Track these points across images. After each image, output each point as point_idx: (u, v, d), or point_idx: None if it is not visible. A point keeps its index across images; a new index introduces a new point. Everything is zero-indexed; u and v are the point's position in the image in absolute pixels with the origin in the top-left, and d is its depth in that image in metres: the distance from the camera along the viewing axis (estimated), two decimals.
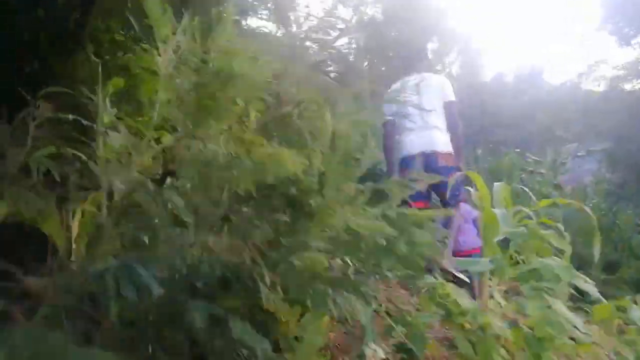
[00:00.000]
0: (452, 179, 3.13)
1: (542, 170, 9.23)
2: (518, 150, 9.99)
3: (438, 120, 3.38)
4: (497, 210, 1.95)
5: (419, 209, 3.27)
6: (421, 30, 14.58)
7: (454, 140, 3.40)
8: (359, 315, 1.04)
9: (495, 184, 2.30)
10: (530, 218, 2.03)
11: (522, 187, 7.52)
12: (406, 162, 3.38)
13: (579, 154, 10.63)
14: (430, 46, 16.69)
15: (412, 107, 3.26)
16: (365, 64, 14.17)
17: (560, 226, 1.93)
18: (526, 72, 16.58)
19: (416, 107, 3.25)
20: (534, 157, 9.04)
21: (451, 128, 3.41)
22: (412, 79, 3.52)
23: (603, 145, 10.11)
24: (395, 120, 3.41)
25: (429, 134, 3.34)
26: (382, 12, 13.99)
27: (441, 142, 3.34)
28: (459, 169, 3.29)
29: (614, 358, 1.88)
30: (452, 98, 3.48)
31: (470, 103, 13.92)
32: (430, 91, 3.41)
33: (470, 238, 3.65)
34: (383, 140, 3.49)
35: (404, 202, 3.45)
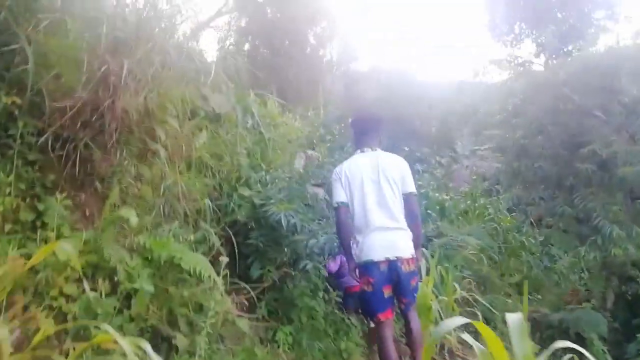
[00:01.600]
0: (414, 284, 3.02)
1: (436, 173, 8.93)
2: (408, 149, 9.58)
3: (399, 216, 3.00)
4: None
5: (387, 319, 3.02)
6: (305, 13, 13.60)
7: (414, 238, 3.04)
8: None
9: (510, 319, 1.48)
10: None
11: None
12: (368, 268, 2.93)
13: (465, 152, 10.60)
14: (313, 31, 15.82)
15: (370, 201, 2.95)
16: (247, 46, 12.88)
17: None
18: (406, 67, 16.50)
19: (376, 203, 2.95)
20: (430, 158, 8.66)
21: (413, 226, 3.04)
22: (366, 158, 3.09)
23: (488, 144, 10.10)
24: (347, 207, 3.01)
25: (393, 237, 2.95)
26: None
27: (405, 246, 2.98)
28: (419, 269, 3.08)
29: None
30: (414, 189, 3.09)
31: (350, 93, 13.39)
32: (388, 178, 3.01)
33: None
34: (337, 227, 3.06)
35: (373, 315, 2.97)
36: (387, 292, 2.89)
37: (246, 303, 2.98)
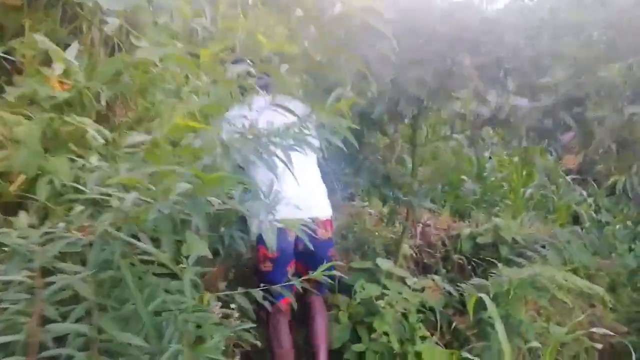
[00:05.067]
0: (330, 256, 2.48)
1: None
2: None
3: (313, 169, 2.47)
4: None
5: (287, 307, 2.48)
6: None
7: None
8: None
9: None
10: None
11: None
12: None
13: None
14: None
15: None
16: None
17: None
18: None
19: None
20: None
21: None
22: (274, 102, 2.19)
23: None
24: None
25: (308, 194, 2.33)
26: None
27: (322, 204, 2.46)
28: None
29: None
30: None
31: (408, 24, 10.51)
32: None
33: None
34: None
35: (272, 302, 2.29)
36: (291, 270, 2.35)
37: None
